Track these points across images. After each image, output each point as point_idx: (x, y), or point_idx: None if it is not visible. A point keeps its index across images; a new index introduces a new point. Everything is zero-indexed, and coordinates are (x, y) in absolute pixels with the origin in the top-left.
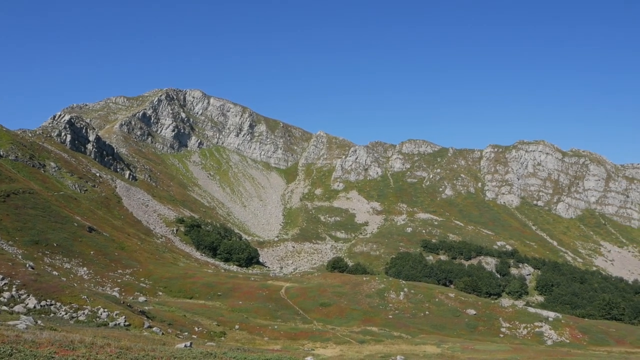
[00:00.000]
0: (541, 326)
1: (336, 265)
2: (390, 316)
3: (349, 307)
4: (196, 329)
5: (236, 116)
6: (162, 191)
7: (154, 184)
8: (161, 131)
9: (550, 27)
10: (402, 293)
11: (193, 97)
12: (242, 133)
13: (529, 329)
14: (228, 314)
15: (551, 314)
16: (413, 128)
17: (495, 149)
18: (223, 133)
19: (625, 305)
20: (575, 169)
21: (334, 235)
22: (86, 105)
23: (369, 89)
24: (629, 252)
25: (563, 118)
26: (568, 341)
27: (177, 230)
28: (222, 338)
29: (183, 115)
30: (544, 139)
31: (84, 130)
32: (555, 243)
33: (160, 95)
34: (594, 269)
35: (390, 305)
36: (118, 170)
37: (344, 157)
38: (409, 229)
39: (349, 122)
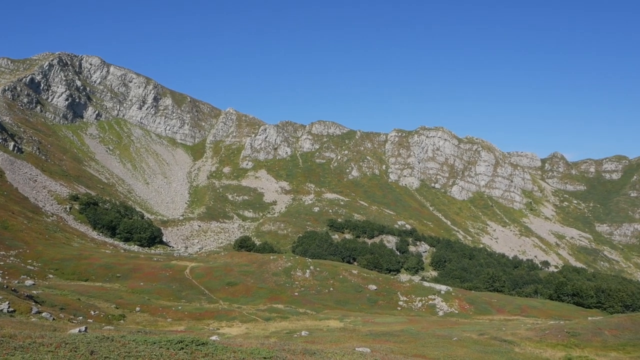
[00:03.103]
0: (434, 299)
1: (243, 244)
2: (296, 293)
3: (255, 285)
4: (92, 312)
5: (139, 87)
6: (54, 165)
7: (43, 157)
8: (52, 100)
9: (453, 23)
10: (308, 271)
11: (90, 64)
12: (146, 106)
13: (424, 301)
14: (128, 296)
15: (443, 288)
16: (323, 108)
17: (400, 134)
18: (124, 105)
19: (506, 278)
20: (469, 154)
21: (242, 214)
22: None
23: (280, 69)
24: (511, 231)
25: (461, 106)
26: (457, 312)
27: (70, 208)
28: (122, 321)
29: (78, 83)
30: (443, 126)
31: None
32: (449, 223)
33: (52, 60)
34: (481, 246)
35: (296, 282)
36: (0, 141)
37: (253, 135)
38: (317, 209)
39: (259, 100)
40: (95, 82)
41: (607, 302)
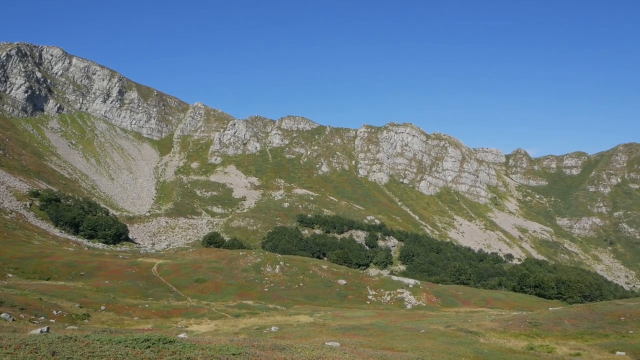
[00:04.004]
0: (402, 292)
1: (212, 241)
2: (266, 289)
3: (224, 282)
4: (55, 312)
5: (103, 80)
6: (12, 160)
7: (1, 151)
8: (10, 92)
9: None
10: (277, 266)
11: (51, 55)
12: (111, 99)
13: (392, 295)
14: (92, 295)
15: (411, 281)
16: (293, 103)
17: (369, 129)
18: (88, 98)
19: (472, 271)
20: (437, 150)
21: (211, 210)
22: None
23: (250, 64)
24: (476, 225)
25: (429, 102)
26: (425, 305)
27: (31, 205)
28: (86, 320)
29: (39, 75)
30: (411, 122)
31: None
32: (417, 217)
33: (10, 50)
34: (448, 240)
35: (266, 278)
36: None
37: (222, 130)
38: (286, 204)
39: (228, 95)
40: (56, 74)
41: (566, 292)
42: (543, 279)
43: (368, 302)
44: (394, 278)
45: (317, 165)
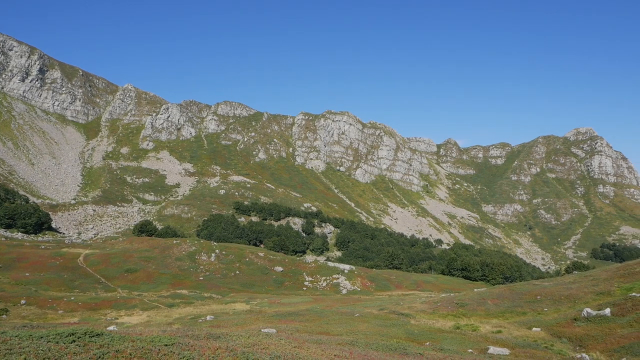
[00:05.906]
0: (338, 278)
1: (144, 229)
2: (201, 278)
3: (157, 271)
4: None
5: (22, 57)
6: None
7: None
8: None
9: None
10: (213, 254)
11: None
12: (30, 78)
13: (328, 281)
14: (11, 288)
15: (347, 267)
16: (229, 88)
17: (307, 117)
18: (3, 76)
19: (404, 256)
20: (372, 139)
21: (142, 198)
22: None
23: (185, 47)
24: (409, 211)
25: (365, 91)
26: (359, 289)
27: None
28: (4, 316)
29: None
30: (348, 110)
31: None
32: (353, 204)
33: None
34: (382, 226)
35: (201, 267)
36: None
37: (155, 114)
38: (222, 191)
39: (161, 77)
40: None
41: (490, 274)
42: (469, 262)
43: (305, 288)
44: (330, 264)
45: (254, 152)
